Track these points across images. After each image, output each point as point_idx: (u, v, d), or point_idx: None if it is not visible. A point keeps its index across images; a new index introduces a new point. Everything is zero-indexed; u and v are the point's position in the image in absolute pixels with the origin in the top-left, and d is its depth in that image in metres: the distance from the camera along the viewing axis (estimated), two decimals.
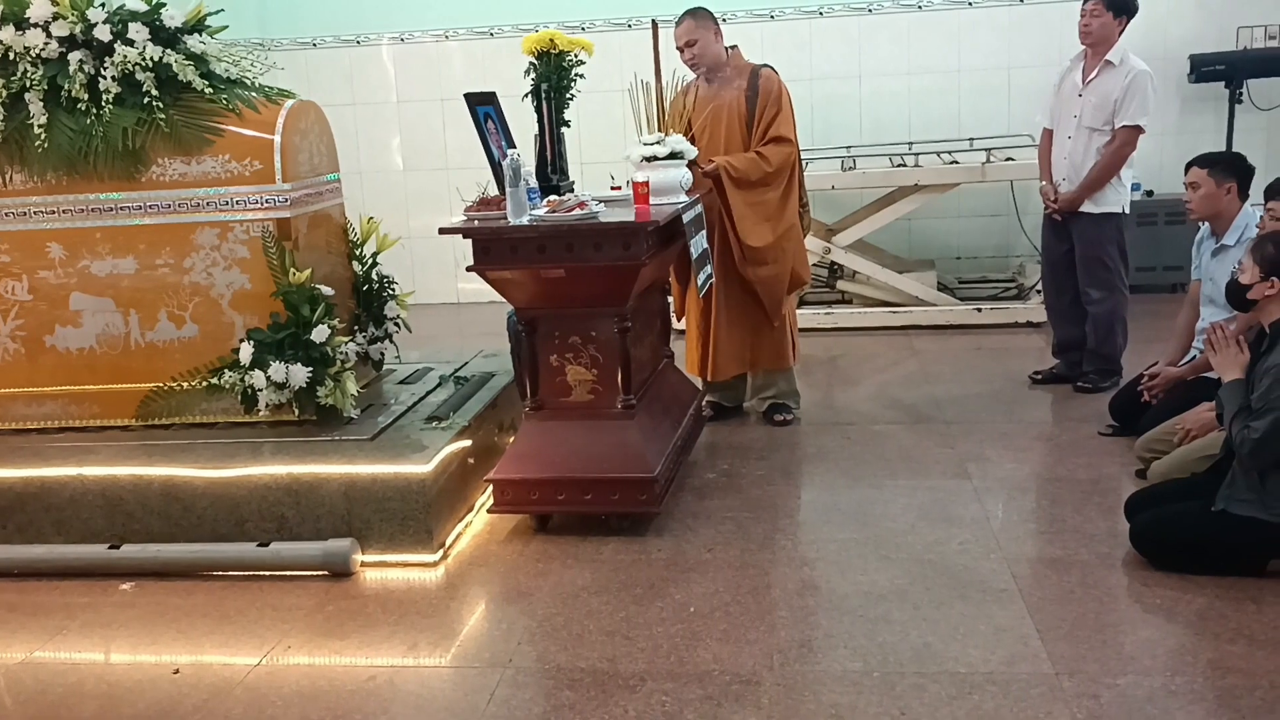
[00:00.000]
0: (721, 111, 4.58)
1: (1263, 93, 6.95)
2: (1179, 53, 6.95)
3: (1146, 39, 6.53)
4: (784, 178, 4.61)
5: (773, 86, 4.60)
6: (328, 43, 7.91)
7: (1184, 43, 6.98)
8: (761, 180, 4.54)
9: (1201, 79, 6.90)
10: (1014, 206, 6.90)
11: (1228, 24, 7.02)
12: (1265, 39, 6.98)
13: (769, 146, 4.54)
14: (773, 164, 4.53)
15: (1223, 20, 7.01)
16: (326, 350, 3.86)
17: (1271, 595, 3.09)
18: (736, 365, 4.82)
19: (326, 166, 4.27)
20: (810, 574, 3.42)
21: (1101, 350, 5.08)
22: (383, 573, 3.61)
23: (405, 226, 6.84)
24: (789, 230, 4.67)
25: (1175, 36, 6.98)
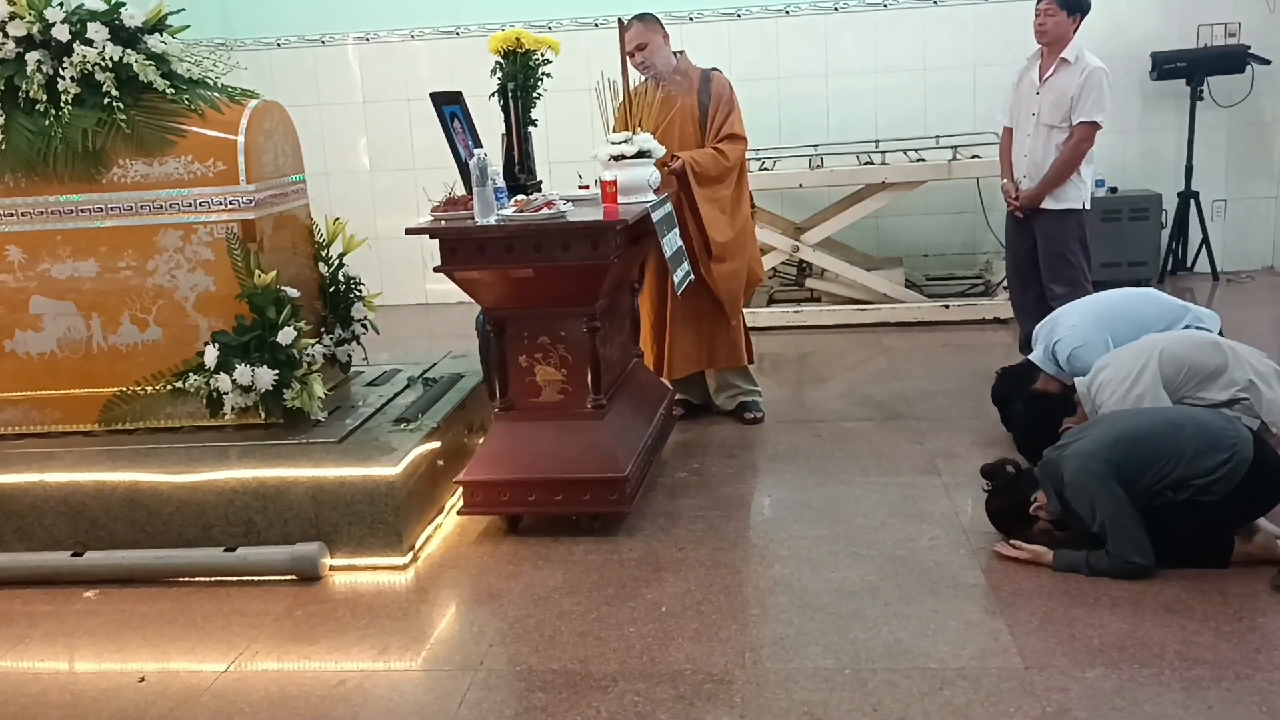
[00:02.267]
0: (674, 115, 4.60)
1: (1223, 89, 7.04)
2: (1141, 50, 7.03)
3: (1109, 37, 6.61)
4: (736, 174, 4.68)
5: (724, 88, 4.66)
6: (292, 43, 7.85)
7: (1145, 41, 7.05)
8: (720, 175, 4.59)
9: (1163, 76, 6.98)
10: (980, 203, 6.95)
11: (1188, 22, 7.10)
12: (1225, 36, 7.07)
13: (725, 143, 4.59)
14: (730, 160, 4.59)
15: (1183, 18, 7.10)
16: (293, 353, 3.83)
17: (1237, 586, 3.12)
18: (692, 364, 4.84)
19: (291, 167, 4.23)
20: (782, 571, 3.42)
21: None
22: (352, 576, 3.58)
23: (372, 227, 6.78)
24: (744, 226, 4.73)
25: (1137, 34, 7.06)
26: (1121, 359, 3.82)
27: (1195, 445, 3.19)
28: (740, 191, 4.72)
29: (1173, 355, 3.68)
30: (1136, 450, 3.23)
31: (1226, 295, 6.86)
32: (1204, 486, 3.17)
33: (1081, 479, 3.22)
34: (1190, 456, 3.18)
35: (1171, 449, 3.20)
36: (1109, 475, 3.19)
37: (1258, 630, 2.89)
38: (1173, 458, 3.19)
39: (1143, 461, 3.21)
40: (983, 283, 6.99)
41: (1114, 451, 3.23)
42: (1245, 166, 7.33)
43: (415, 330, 7.17)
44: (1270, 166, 7.33)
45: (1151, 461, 3.20)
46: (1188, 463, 3.17)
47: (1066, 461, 3.29)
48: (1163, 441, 3.23)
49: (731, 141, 4.60)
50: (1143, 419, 3.41)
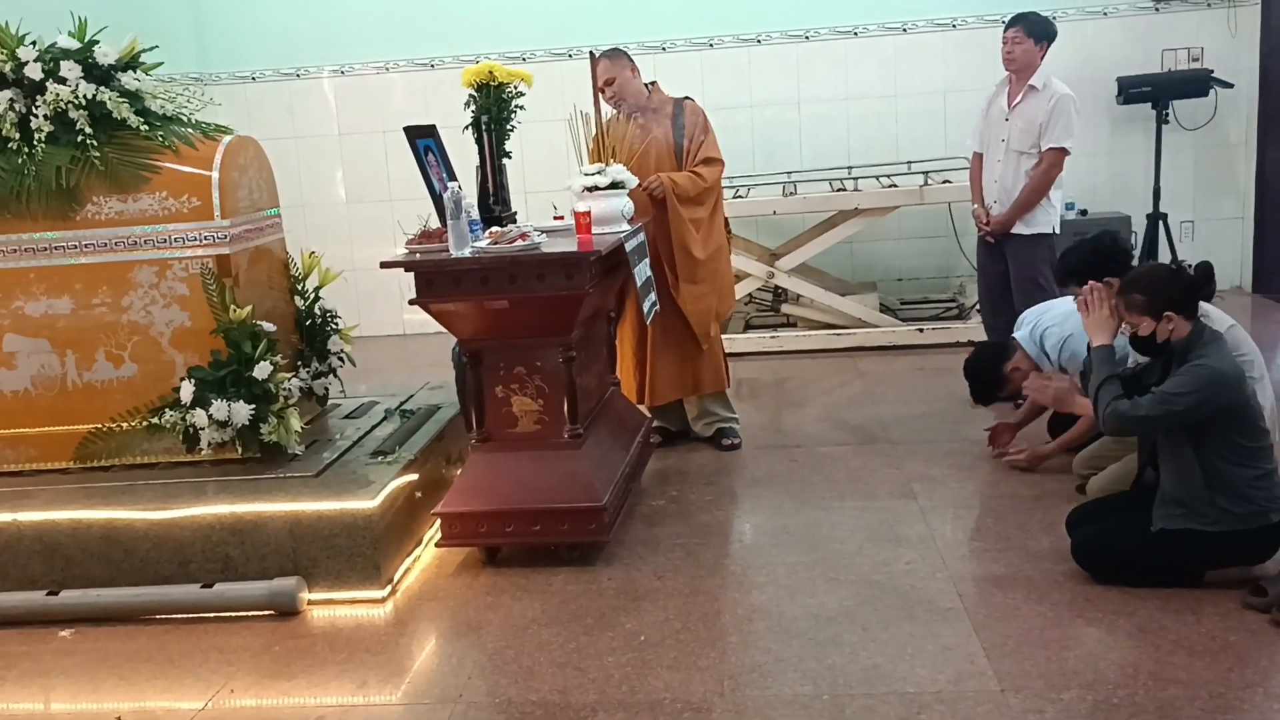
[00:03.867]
0: (650, 146, 4.66)
1: (1188, 113, 7.15)
2: (1107, 75, 7.13)
3: (1076, 62, 6.71)
4: (714, 196, 4.73)
5: (697, 115, 4.72)
6: (267, 76, 7.87)
7: (1112, 65, 7.15)
8: (698, 196, 4.65)
9: (1129, 100, 7.08)
10: (952, 228, 7.01)
11: (1152, 47, 7.21)
12: (1188, 61, 7.18)
13: (702, 166, 4.65)
14: (708, 180, 4.65)
15: (1148, 43, 7.21)
16: (269, 387, 3.82)
17: (1210, 606, 3.15)
18: (674, 390, 4.86)
19: (266, 201, 4.24)
20: (760, 598, 3.44)
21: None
22: (330, 610, 3.57)
23: (349, 259, 6.77)
24: (718, 251, 4.77)
25: (1103, 59, 7.16)
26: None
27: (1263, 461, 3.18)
28: (715, 216, 4.75)
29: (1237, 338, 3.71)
30: (1245, 408, 3.17)
31: None
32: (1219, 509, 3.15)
33: (1204, 378, 3.10)
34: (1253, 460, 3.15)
35: (1257, 434, 3.19)
36: (1215, 397, 3.10)
37: (1230, 649, 2.92)
38: (1248, 443, 3.16)
39: (1236, 420, 3.15)
40: (956, 306, 7.05)
41: (1239, 392, 3.14)
42: (1211, 188, 7.44)
43: (393, 361, 7.17)
44: (1236, 188, 7.44)
45: (1241, 424, 3.15)
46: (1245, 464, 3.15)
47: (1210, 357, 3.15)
48: (1257, 425, 3.21)
49: (708, 164, 4.65)
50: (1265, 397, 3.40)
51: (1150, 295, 3.22)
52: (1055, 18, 5.22)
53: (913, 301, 7.30)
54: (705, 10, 7.42)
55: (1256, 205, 7.38)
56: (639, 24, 7.42)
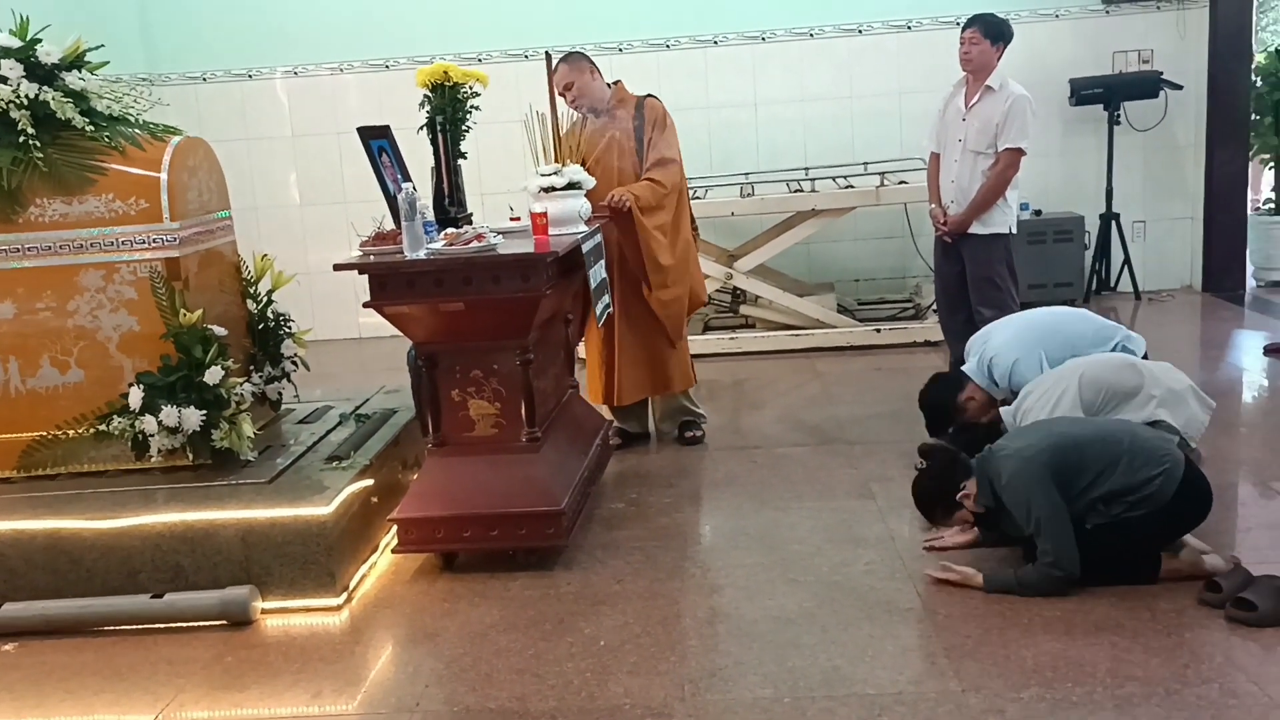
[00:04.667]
0: (612, 145, 4.66)
1: (1138, 114, 7.24)
2: (1060, 77, 7.22)
3: (1029, 64, 6.77)
4: (675, 197, 4.71)
5: (656, 113, 4.72)
6: (218, 77, 7.76)
7: (1064, 67, 7.24)
8: (660, 203, 4.63)
9: (1081, 102, 7.16)
10: (908, 228, 7.05)
11: (1104, 49, 7.31)
12: (1139, 63, 7.28)
13: (656, 170, 4.63)
14: (666, 185, 4.64)
15: (1099, 46, 7.31)
16: (221, 392, 3.76)
17: (1165, 603, 3.18)
18: (640, 390, 4.85)
19: (217, 204, 4.17)
20: (719, 601, 3.42)
21: None
22: (284, 619, 3.50)
23: (303, 262, 6.72)
24: (686, 250, 4.77)
25: (1055, 61, 7.24)
26: (1045, 384, 3.90)
27: (1131, 458, 3.25)
28: (679, 215, 4.75)
29: (1091, 379, 3.78)
30: (1074, 456, 3.27)
31: (1148, 314, 7.04)
32: (1135, 501, 3.22)
33: (1020, 479, 3.26)
34: (1125, 468, 3.23)
35: (1108, 458, 3.25)
36: (1047, 479, 3.23)
37: (1185, 645, 2.95)
38: (1109, 468, 3.24)
39: (1079, 468, 3.26)
40: (912, 306, 7.09)
41: (1053, 455, 3.27)
42: (1162, 188, 7.54)
43: (348, 365, 7.09)
44: (1185, 188, 7.55)
45: (1087, 469, 3.25)
46: (1122, 474, 3.23)
47: (1006, 461, 3.32)
48: (1100, 450, 3.28)
49: (662, 166, 4.64)
50: (1083, 427, 3.46)
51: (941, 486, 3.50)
52: (1009, 19, 5.26)
53: (870, 302, 7.34)
54: (661, 12, 7.41)
55: (1205, 205, 7.50)
56: (596, 25, 7.41)
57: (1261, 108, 7.65)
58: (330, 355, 7.15)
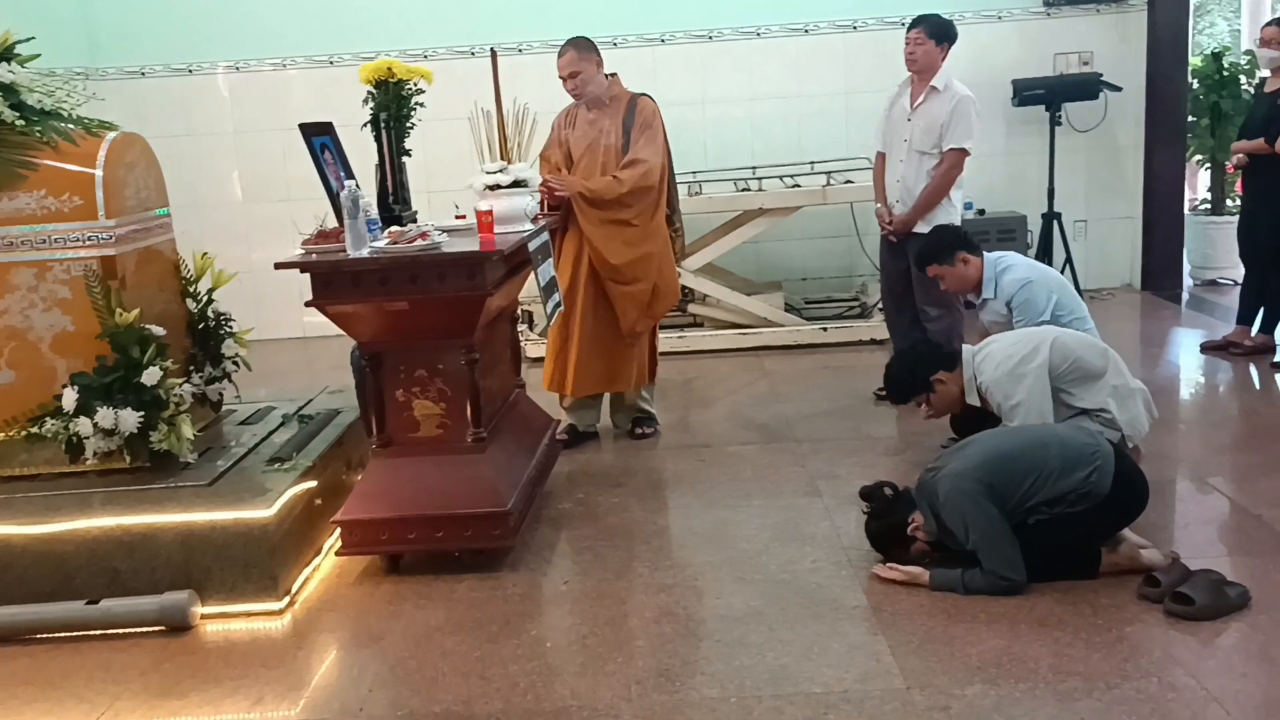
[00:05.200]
0: (599, 140, 4.69)
1: (1080, 115, 7.35)
2: (1003, 78, 7.29)
3: (973, 65, 6.83)
4: (644, 198, 4.70)
5: (647, 114, 4.73)
6: (158, 72, 7.61)
7: (1007, 68, 7.32)
8: (617, 200, 4.62)
9: (1024, 103, 7.25)
10: (855, 227, 7.09)
11: (1045, 51, 7.40)
12: (1079, 65, 7.38)
13: (624, 169, 4.64)
14: (626, 184, 4.62)
15: (1040, 47, 7.40)
16: (159, 393, 3.68)
17: (1106, 598, 3.22)
18: (595, 384, 4.86)
19: (155, 201, 4.09)
20: (667, 600, 3.41)
21: None
22: (225, 624, 3.44)
23: (247, 260, 6.58)
24: (652, 248, 4.76)
25: (999, 62, 7.32)
26: (1011, 338, 3.98)
27: (1061, 461, 3.29)
28: (648, 219, 4.73)
29: (1063, 346, 3.84)
30: (1005, 469, 3.32)
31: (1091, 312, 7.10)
32: (1073, 501, 3.27)
33: (954, 498, 3.30)
34: (1057, 472, 3.28)
35: (1039, 466, 3.30)
36: (981, 494, 3.27)
37: (1125, 640, 2.99)
38: (1040, 474, 3.29)
39: (1012, 479, 3.30)
40: (859, 305, 7.13)
41: (984, 471, 3.31)
42: (1103, 188, 7.66)
43: (293, 365, 7.00)
44: (1126, 188, 7.67)
45: (1021, 479, 3.30)
46: (1055, 479, 3.27)
47: (940, 483, 3.36)
48: (1030, 459, 3.32)
49: (631, 166, 4.64)
50: (1011, 438, 3.51)
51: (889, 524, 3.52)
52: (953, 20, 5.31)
53: (817, 300, 7.37)
54: (609, 10, 7.39)
55: (1145, 205, 7.62)
56: (542, 23, 7.37)
57: (1198, 110, 7.79)
58: (274, 355, 7.03)
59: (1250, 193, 6.05)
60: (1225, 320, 6.43)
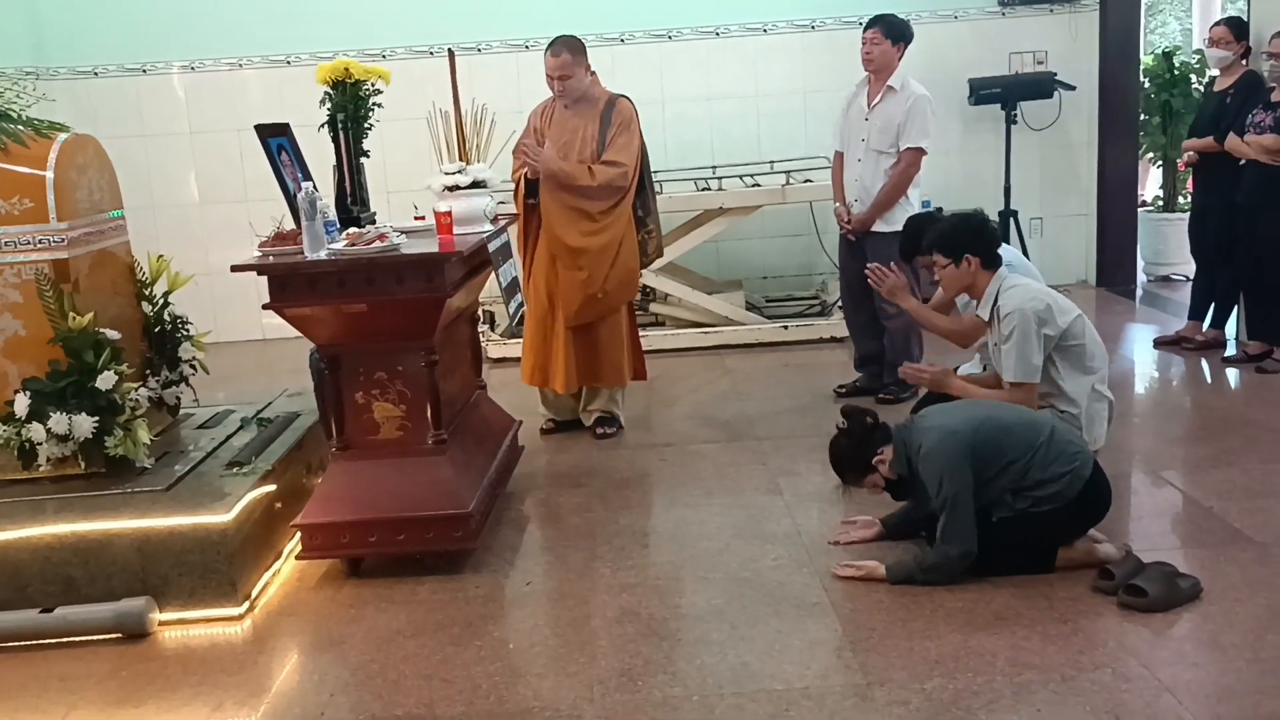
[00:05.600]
0: (575, 139, 4.72)
1: (1035, 113, 7.43)
2: (959, 77, 7.35)
3: (929, 64, 6.88)
4: (611, 196, 4.74)
5: (624, 115, 4.77)
6: (111, 72, 7.51)
7: (963, 67, 7.38)
8: (584, 190, 4.67)
9: (980, 101, 7.32)
10: (814, 226, 7.13)
11: (1000, 50, 7.48)
12: (1034, 64, 7.47)
13: (600, 166, 4.68)
14: (596, 180, 4.66)
15: (996, 46, 7.48)
16: (114, 398, 3.64)
17: (1061, 591, 3.27)
18: (583, 378, 4.95)
19: (108, 203, 4.03)
20: (629, 600, 3.42)
21: (899, 362, 5.28)
22: (183, 631, 3.41)
23: (204, 262, 6.55)
24: (607, 243, 4.77)
25: (955, 62, 7.38)
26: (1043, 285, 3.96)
27: (1047, 449, 3.32)
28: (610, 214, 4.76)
29: (1084, 325, 3.80)
30: (997, 438, 3.33)
31: None
32: (1041, 497, 3.30)
33: (940, 454, 3.30)
34: (1039, 460, 3.30)
35: (1026, 447, 3.32)
36: (964, 456, 3.28)
37: (1081, 632, 3.03)
38: (1026, 455, 3.31)
39: (997, 451, 3.32)
40: (819, 303, 7.18)
41: (976, 435, 3.32)
42: (1058, 185, 7.75)
43: (252, 367, 6.94)
44: (1080, 185, 7.77)
45: (1007, 452, 3.31)
46: (1035, 465, 3.30)
47: (928, 433, 3.36)
48: (1022, 437, 3.34)
49: (607, 166, 4.68)
50: (1009, 412, 3.50)
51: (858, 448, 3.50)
52: (909, 20, 5.36)
53: (777, 299, 7.40)
54: (569, 9, 7.36)
55: (1099, 202, 7.73)
56: (502, 23, 7.36)
57: (1150, 108, 7.91)
58: (233, 357, 6.98)
59: (1200, 190, 6.15)
60: (1178, 315, 6.53)
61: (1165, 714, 2.64)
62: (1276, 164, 5.29)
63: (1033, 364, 3.68)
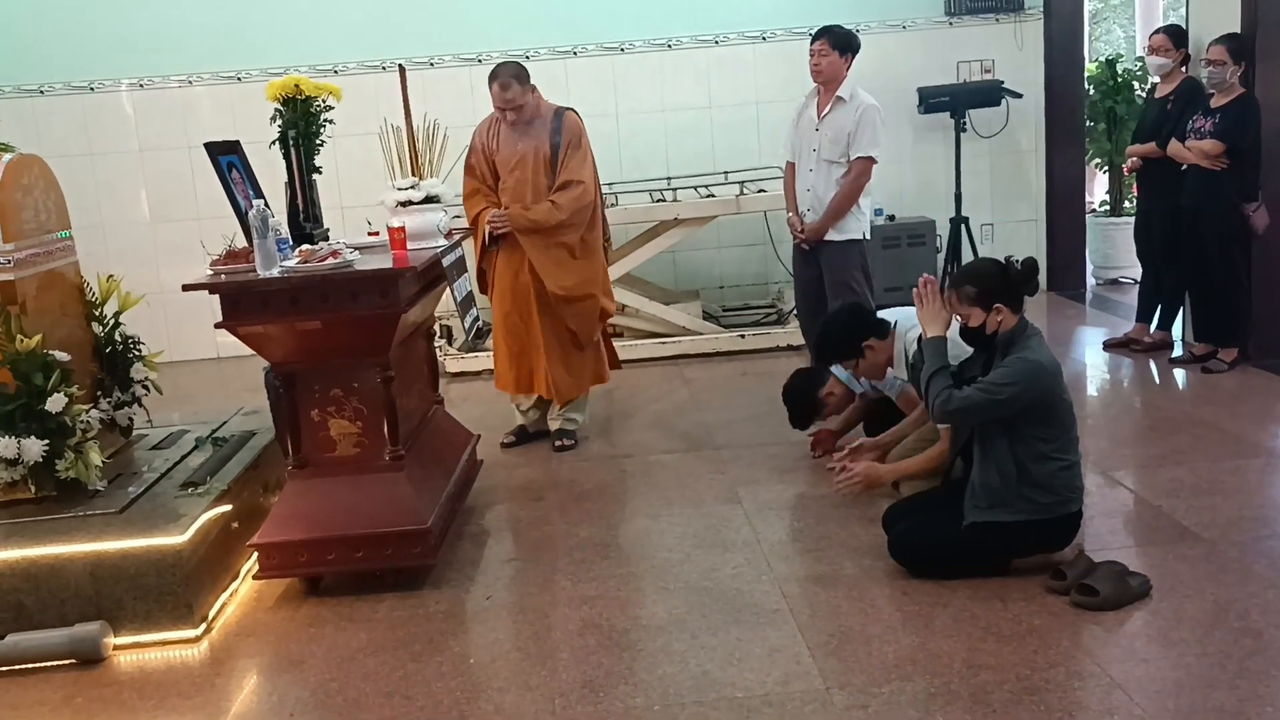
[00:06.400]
0: (527, 156, 4.73)
1: (983, 121, 7.54)
2: (908, 86, 7.46)
3: (879, 73, 6.98)
4: (583, 218, 4.79)
5: (574, 131, 4.79)
6: (57, 90, 7.43)
7: (912, 76, 7.49)
8: (557, 226, 4.70)
9: (929, 110, 7.42)
10: (769, 235, 7.19)
11: (949, 59, 7.60)
12: (981, 72, 7.59)
13: (560, 193, 4.69)
14: (565, 210, 4.70)
15: (944, 55, 7.59)
16: (64, 420, 3.59)
17: (1016, 592, 3.31)
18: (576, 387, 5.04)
19: (56, 223, 3.99)
20: (590, 612, 3.43)
21: None
22: (139, 654, 3.37)
23: (156, 281, 6.48)
24: (591, 267, 4.87)
25: (904, 71, 7.49)
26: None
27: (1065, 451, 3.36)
28: (590, 232, 4.84)
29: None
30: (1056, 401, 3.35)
31: None
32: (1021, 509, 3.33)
33: (1029, 370, 3.28)
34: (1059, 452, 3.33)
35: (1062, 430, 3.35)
36: (1042, 389, 3.29)
37: (1035, 632, 3.08)
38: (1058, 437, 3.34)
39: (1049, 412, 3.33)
40: (775, 312, 7.23)
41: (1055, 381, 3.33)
42: (1007, 192, 7.87)
43: (207, 386, 6.87)
44: (1029, 191, 7.89)
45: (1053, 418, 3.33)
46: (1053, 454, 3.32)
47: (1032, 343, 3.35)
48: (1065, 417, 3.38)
49: (566, 189, 4.70)
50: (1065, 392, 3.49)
51: (980, 287, 3.39)
52: (858, 30, 5.42)
53: (734, 308, 7.45)
54: (520, 23, 7.40)
55: (1047, 208, 7.86)
56: (455, 37, 7.36)
57: (1095, 114, 8.05)
58: (188, 376, 6.92)
59: (1144, 194, 6.28)
60: (1127, 318, 6.65)
61: (1119, 710, 2.68)
62: (1217, 168, 5.40)
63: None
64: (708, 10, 7.49)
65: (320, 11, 7.37)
